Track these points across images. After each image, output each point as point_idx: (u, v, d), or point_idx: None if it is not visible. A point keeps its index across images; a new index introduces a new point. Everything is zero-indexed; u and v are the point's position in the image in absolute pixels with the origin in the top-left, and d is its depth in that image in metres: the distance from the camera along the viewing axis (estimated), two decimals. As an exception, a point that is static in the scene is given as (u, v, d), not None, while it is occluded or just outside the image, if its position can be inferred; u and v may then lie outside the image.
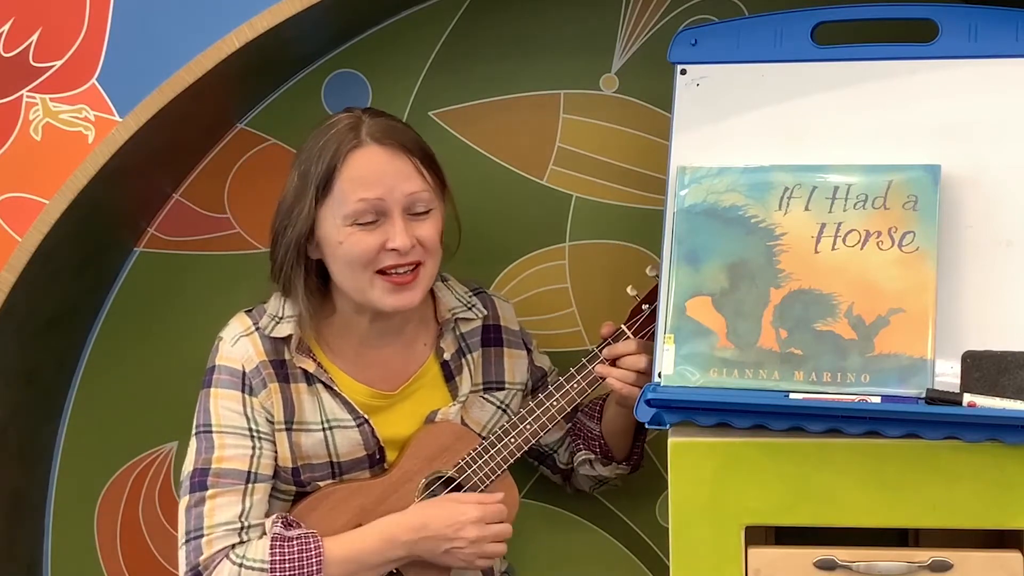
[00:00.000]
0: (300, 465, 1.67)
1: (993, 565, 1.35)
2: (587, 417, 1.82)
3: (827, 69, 1.55)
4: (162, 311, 1.97)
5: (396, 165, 1.60)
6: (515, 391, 1.80)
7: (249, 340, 1.66)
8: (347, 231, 1.59)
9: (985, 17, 1.50)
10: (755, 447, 1.37)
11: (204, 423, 1.64)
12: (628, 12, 1.88)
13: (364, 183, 1.59)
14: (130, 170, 1.76)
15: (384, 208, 1.60)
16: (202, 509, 1.60)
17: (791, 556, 1.38)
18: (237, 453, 1.62)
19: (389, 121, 1.65)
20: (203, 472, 1.61)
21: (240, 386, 1.65)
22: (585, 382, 1.72)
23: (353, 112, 1.65)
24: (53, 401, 1.97)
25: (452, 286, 1.78)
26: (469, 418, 1.75)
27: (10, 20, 1.70)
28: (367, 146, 1.60)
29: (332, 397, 1.68)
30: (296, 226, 1.61)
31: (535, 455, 1.87)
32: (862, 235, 1.44)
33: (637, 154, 1.90)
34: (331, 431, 1.67)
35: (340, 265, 1.62)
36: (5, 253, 1.68)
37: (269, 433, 1.65)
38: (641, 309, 1.71)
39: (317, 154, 1.60)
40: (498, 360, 1.79)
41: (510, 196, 1.93)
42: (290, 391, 1.66)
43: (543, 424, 1.72)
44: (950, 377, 1.39)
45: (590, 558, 1.99)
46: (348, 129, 1.61)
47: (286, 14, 1.64)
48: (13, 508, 1.91)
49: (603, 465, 1.81)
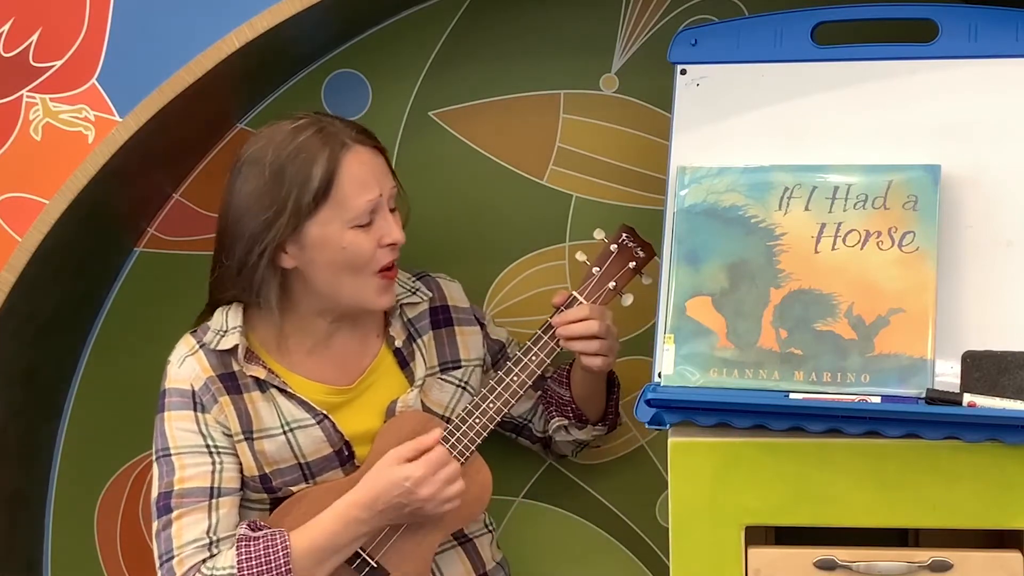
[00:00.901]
0: (269, 472, 1.67)
1: (993, 565, 1.35)
2: (556, 384, 1.82)
3: (827, 69, 1.55)
4: (162, 311, 1.97)
5: (379, 162, 1.64)
6: (472, 367, 1.79)
7: (195, 359, 1.66)
8: (350, 234, 1.60)
9: (985, 17, 1.50)
10: (755, 447, 1.37)
11: (162, 447, 1.66)
12: (628, 12, 1.88)
13: (365, 184, 1.60)
14: (130, 170, 1.76)
15: (381, 206, 1.62)
16: (170, 531, 1.62)
17: (791, 556, 1.38)
18: (198, 472, 1.63)
19: (351, 121, 1.67)
20: (167, 495, 1.63)
21: (191, 405, 1.65)
22: (543, 353, 1.71)
23: (307, 115, 1.64)
24: (53, 401, 1.97)
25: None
26: (429, 401, 1.74)
27: (10, 20, 1.70)
28: (355, 148, 1.61)
29: (287, 399, 1.68)
30: (277, 233, 1.59)
31: (510, 427, 1.87)
32: (862, 235, 1.44)
33: (637, 154, 1.90)
34: (292, 433, 1.67)
35: (336, 269, 1.62)
36: (5, 253, 1.68)
37: (228, 446, 1.66)
38: (592, 273, 1.72)
39: (293, 159, 1.58)
40: (451, 339, 1.78)
41: (510, 196, 1.93)
42: (243, 401, 1.66)
43: (506, 400, 1.70)
44: (950, 377, 1.39)
45: (590, 558, 1.99)
46: (322, 132, 1.60)
47: (286, 14, 1.64)
48: (13, 508, 1.91)
49: (578, 429, 1.81)
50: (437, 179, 1.93)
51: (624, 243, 1.73)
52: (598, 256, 1.73)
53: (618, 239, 1.73)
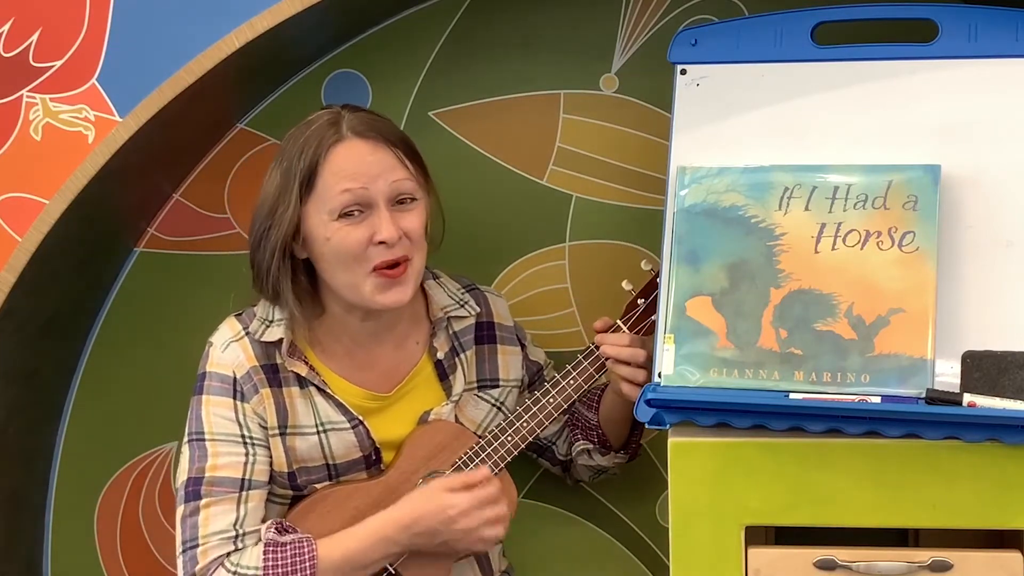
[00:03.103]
0: (296, 469, 1.67)
1: (993, 565, 1.35)
2: (585, 407, 1.81)
3: (827, 69, 1.54)
4: (162, 311, 1.97)
5: (378, 156, 1.60)
6: (510, 388, 1.79)
7: (239, 345, 1.65)
8: (334, 226, 1.59)
9: (985, 17, 1.50)
10: (755, 447, 1.37)
11: (196, 431, 1.64)
12: (628, 12, 1.88)
13: (347, 175, 1.58)
14: (130, 170, 1.76)
15: (369, 199, 1.59)
16: (197, 519, 1.60)
17: (791, 556, 1.38)
18: (230, 461, 1.62)
19: (369, 115, 1.65)
20: (197, 481, 1.61)
21: (232, 392, 1.64)
22: (582, 379, 1.71)
23: (332, 108, 1.64)
24: (53, 401, 1.97)
25: (444, 283, 1.78)
26: (464, 417, 1.74)
27: (10, 20, 1.70)
28: (349, 140, 1.60)
29: (325, 400, 1.67)
30: (281, 226, 1.60)
31: (534, 448, 1.87)
32: (862, 235, 1.44)
33: (637, 154, 1.90)
34: (325, 434, 1.67)
35: (329, 262, 1.61)
36: (5, 253, 1.68)
37: (263, 439, 1.65)
38: (636, 304, 1.71)
39: (298, 151, 1.60)
40: (492, 357, 1.78)
41: (510, 196, 1.93)
42: (282, 396, 1.66)
43: (540, 421, 1.71)
44: (950, 377, 1.39)
45: (590, 558, 1.99)
46: (328, 125, 1.60)
47: (286, 14, 1.64)
48: (13, 508, 1.91)
49: (601, 455, 1.81)
50: (437, 179, 1.92)
51: None
52: (644, 287, 1.72)
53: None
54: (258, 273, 1.65)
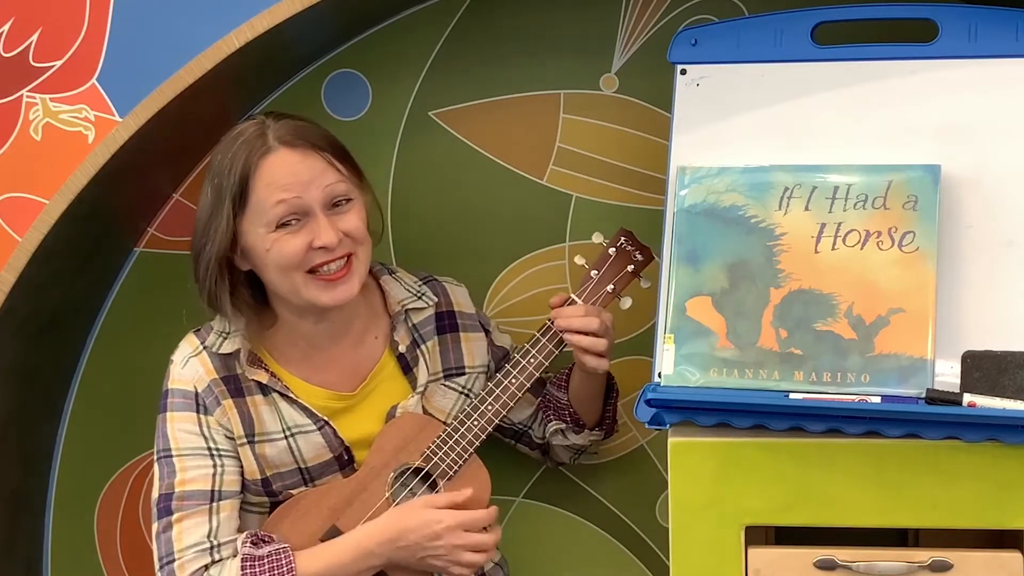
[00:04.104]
0: (270, 475, 1.67)
1: (993, 565, 1.35)
2: (554, 387, 1.82)
3: (827, 69, 1.54)
4: (162, 311, 1.97)
5: (308, 163, 1.59)
6: (476, 374, 1.79)
7: (198, 360, 1.66)
8: (272, 237, 1.59)
9: (985, 17, 1.50)
10: (755, 447, 1.37)
11: (163, 448, 1.65)
12: (628, 12, 1.88)
13: (280, 186, 1.58)
14: (130, 170, 1.76)
15: (304, 207, 1.58)
16: (171, 534, 1.61)
17: (791, 556, 1.38)
18: (199, 474, 1.63)
19: (294, 121, 1.63)
20: (167, 497, 1.63)
21: (194, 407, 1.65)
22: (541, 355, 1.71)
23: (256, 118, 1.64)
24: (53, 401, 1.97)
25: (400, 277, 1.78)
26: (432, 407, 1.74)
27: (10, 20, 1.70)
28: (276, 151, 1.59)
29: (289, 404, 1.68)
30: (216, 241, 1.60)
31: (510, 434, 1.87)
32: (862, 235, 1.44)
33: (637, 154, 1.90)
34: (293, 438, 1.67)
35: (272, 271, 1.62)
36: (5, 253, 1.68)
37: (230, 449, 1.66)
38: (591, 276, 1.73)
39: (228, 166, 1.59)
40: (455, 345, 1.78)
41: (510, 196, 1.92)
42: (246, 405, 1.66)
43: (504, 402, 1.71)
44: (950, 377, 1.39)
45: (590, 558, 1.99)
46: (255, 137, 1.60)
47: (286, 14, 1.64)
48: (13, 508, 1.91)
49: (575, 433, 1.81)
50: (437, 179, 1.93)
51: (622, 246, 1.73)
52: (596, 259, 1.74)
53: (616, 242, 1.74)
54: (200, 288, 1.65)
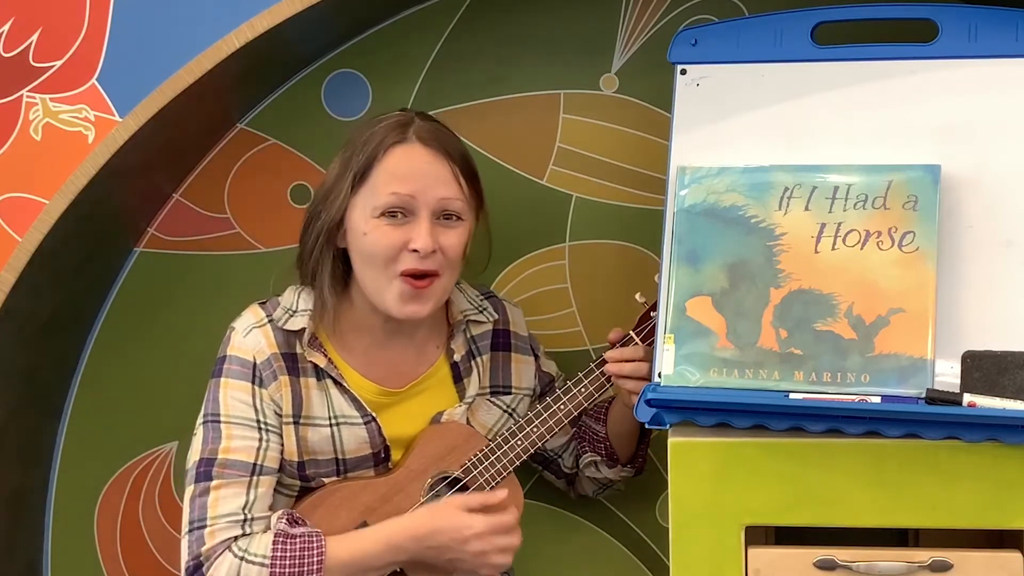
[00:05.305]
0: (306, 460, 1.67)
1: (993, 565, 1.35)
2: (593, 420, 1.82)
3: (827, 69, 1.54)
4: (162, 311, 1.97)
5: (435, 167, 1.62)
6: (521, 396, 1.80)
7: (261, 332, 1.66)
8: (374, 223, 1.60)
9: (985, 17, 1.50)
10: (755, 447, 1.37)
11: (212, 412, 1.64)
12: (628, 12, 1.88)
13: (400, 178, 1.60)
14: (130, 170, 1.76)
15: (413, 206, 1.60)
16: (206, 499, 1.60)
17: (791, 556, 1.38)
18: (244, 444, 1.62)
19: (439, 127, 1.66)
20: (209, 462, 1.61)
21: (251, 377, 1.64)
22: (593, 387, 1.72)
23: (407, 112, 1.67)
24: (53, 401, 1.97)
25: (464, 289, 1.79)
26: (475, 420, 1.75)
27: (10, 20, 1.70)
28: (411, 143, 1.61)
29: (341, 393, 1.68)
30: (330, 211, 1.63)
31: (539, 460, 1.88)
32: (862, 235, 1.44)
33: (637, 154, 1.90)
34: (338, 427, 1.67)
35: (362, 257, 1.63)
36: (5, 253, 1.68)
37: (277, 426, 1.65)
38: (650, 316, 1.70)
39: (362, 145, 1.62)
40: (506, 364, 1.79)
41: (510, 196, 1.92)
42: (299, 385, 1.66)
43: (550, 427, 1.73)
44: (950, 377, 1.39)
45: (591, 558, 1.99)
46: (397, 125, 1.63)
47: (286, 14, 1.64)
48: (13, 508, 1.91)
49: (608, 467, 1.81)
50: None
51: None
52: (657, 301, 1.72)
53: None
54: (302, 252, 1.68)
